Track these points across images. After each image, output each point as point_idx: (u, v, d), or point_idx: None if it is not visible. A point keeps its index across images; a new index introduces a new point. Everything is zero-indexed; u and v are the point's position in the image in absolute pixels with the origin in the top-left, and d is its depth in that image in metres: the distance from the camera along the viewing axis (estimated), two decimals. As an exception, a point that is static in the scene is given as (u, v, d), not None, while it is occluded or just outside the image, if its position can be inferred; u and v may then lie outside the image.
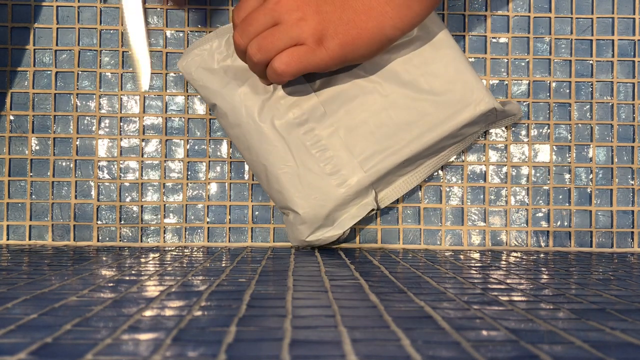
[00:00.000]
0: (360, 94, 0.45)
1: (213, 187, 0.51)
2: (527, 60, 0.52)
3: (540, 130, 0.52)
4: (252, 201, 0.51)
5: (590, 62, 0.52)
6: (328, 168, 0.44)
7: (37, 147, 0.51)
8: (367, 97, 0.45)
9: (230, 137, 0.47)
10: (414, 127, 0.44)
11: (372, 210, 0.46)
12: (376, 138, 0.45)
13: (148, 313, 0.24)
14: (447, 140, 0.46)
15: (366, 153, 0.44)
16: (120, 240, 0.51)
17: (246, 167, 0.51)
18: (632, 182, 0.52)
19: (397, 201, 0.51)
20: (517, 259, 0.44)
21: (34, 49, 0.51)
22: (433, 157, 0.48)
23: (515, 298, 0.28)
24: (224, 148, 0.51)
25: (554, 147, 0.52)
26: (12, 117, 0.51)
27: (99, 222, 0.51)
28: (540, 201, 0.52)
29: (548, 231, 0.52)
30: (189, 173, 0.51)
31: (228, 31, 0.46)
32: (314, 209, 0.44)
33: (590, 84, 0.52)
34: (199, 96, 0.51)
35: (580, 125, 0.52)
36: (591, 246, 0.52)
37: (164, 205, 0.51)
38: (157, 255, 0.43)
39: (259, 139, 0.44)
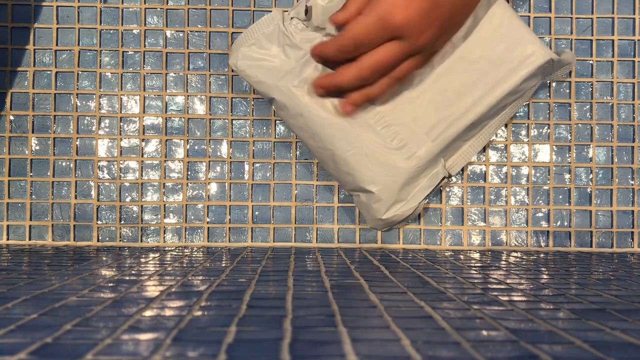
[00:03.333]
0: None
1: (213, 187, 0.51)
2: (527, 60, 0.52)
3: (540, 130, 0.52)
4: (252, 201, 0.51)
5: (590, 62, 0.52)
6: (395, 143, 0.44)
7: (37, 147, 0.51)
8: (424, 67, 0.45)
9: (292, 128, 0.46)
10: (475, 89, 0.44)
11: (444, 178, 0.46)
12: (438, 106, 0.44)
13: (148, 313, 0.24)
14: (509, 97, 0.45)
15: (431, 122, 0.44)
16: (120, 240, 0.51)
17: (246, 167, 0.51)
18: (632, 182, 0.52)
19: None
20: (517, 259, 0.44)
21: (34, 49, 0.51)
22: (496, 117, 0.47)
23: (515, 298, 0.28)
24: (224, 148, 0.51)
25: (554, 147, 0.52)
26: (12, 117, 0.51)
27: (99, 222, 0.51)
28: (540, 201, 0.52)
29: (548, 231, 0.52)
30: (189, 173, 0.51)
31: (269, 23, 0.45)
32: (386, 186, 0.44)
33: (590, 84, 0.52)
34: (198, 96, 0.51)
35: (580, 125, 0.52)
36: (591, 246, 0.52)
37: (164, 205, 0.51)
38: (157, 255, 0.43)
39: (323, 125, 0.44)
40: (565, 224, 0.52)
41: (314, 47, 0.41)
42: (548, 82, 0.51)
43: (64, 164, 0.51)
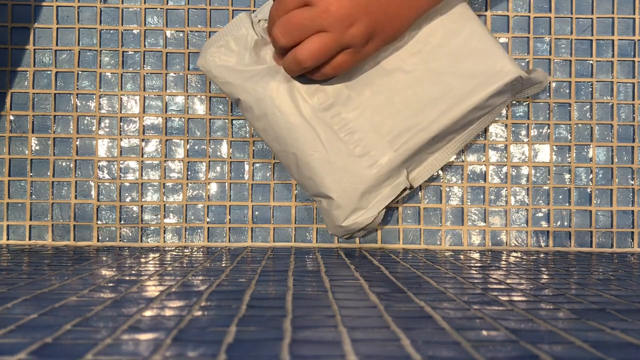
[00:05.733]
0: (384, 73, 0.45)
1: (213, 187, 0.51)
2: (527, 60, 0.52)
3: (540, 130, 0.52)
4: (252, 201, 0.51)
5: (590, 62, 0.52)
6: (358, 150, 0.44)
7: (37, 147, 0.51)
8: (391, 76, 0.45)
9: (257, 131, 0.46)
10: (441, 101, 0.44)
11: (405, 189, 0.46)
12: (404, 116, 0.44)
13: (148, 313, 0.24)
14: (475, 112, 0.45)
15: (395, 132, 0.44)
16: (120, 240, 0.51)
17: (246, 167, 0.51)
18: (632, 182, 0.52)
19: (397, 201, 0.51)
20: (517, 259, 0.44)
21: (34, 49, 0.51)
22: (462, 132, 0.47)
23: (515, 298, 0.28)
24: (224, 148, 0.51)
25: (554, 147, 0.52)
26: (12, 117, 0.51)
27: (99, 222, 0.51)
28: (540, 201, 0.52)
29: (548, 231, 0.52)
30: (189, 173, 0.51)
31: (239, 25, 0.45)
32: (347, 192, 0.44)
33: (590, 84, 0.52)
34: (198, 96, 0.51)
35: (580, 125, 0.52)
36: (591, 246, 0.52)
37: (164, 205, 0.51)
38: (157, 255, 0.43)
39: (287, 128, 0.44)
40: (565, 224, 0.52)
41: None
42: (516, 101, 0.51)
43: (64, 164, 0.51)
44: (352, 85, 0.45)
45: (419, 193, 0.51)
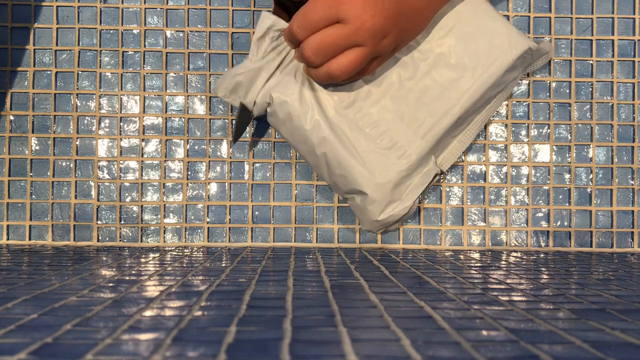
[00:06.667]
0: (400, 64, 0.45)
1: (213, 187, 0.51)
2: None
3: (540, 130, 0.52)
4: (252, 201, 0.51)
5: (590, 62, 0.52)
6: (385, 143, 0.44)
7: (37, 147, 0.51)
8: (408, 66, 0.45)
9: (282, 135, 0.46)
10: (459, 83, 0.45)
11: (436, 175, 0.46)
12: (425, 103, 0.45)
13: (148, 313, 0.24)
14: (492, 90, 0.46)
15: (419, 120, 0.45)
16: (120, 240, 0.51)
17: (246, 167, 0.51)
18: (632, 182, 0.52)
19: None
20: (517, 259, 0.44)
21: (34, 49, 0.51)
22: (481, 111, 0.48)
23: (515, 298, 0.28)
24: (224, 148, 0.51)
25: (554, 147, 0.52)
26: (12, 117, 0.51)
27: (99, 222, 0.51)
28: (540, 201, 0.52)
29: (548, 231, 0.52)
30: (189, 173, 0.51)
31: (260, 29, 0.44)
32: (380, 186, 0.44)
33: (590, 84, 0.52)
34: (198, 96, 0.51)
35: (580, 125, 0.52)
36: (591, 246, 0.52)
37: (164, 205, 0.51)
38: (157, 255, 0.43)
39: (313, 128, 0.44)
40: (565, 224, 0.52)
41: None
42: (527, 74, 0.51)
43: (64, 164, 0.51)
44: (369, 80, 0.45)
45: (419, 193, 0.51)
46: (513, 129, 0.52)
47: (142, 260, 0.40)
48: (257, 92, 0.44)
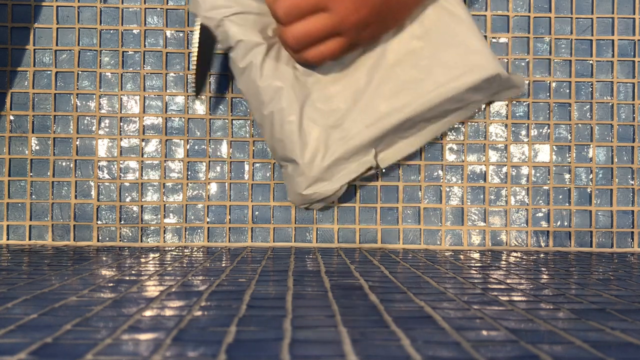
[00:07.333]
0: (369, 50, 0.45)
1: (213, 187, 0.51)
2: (527, 60, 0.52)
3: (540, 130, 0.52)
4: (252, 201, 0.51)
5: (590, 62, 0.52)
6: (331, 121, 0.44)
7: (37, 147, 0.51)
8: (376, 54, 0.45)
9: (237, 84, 0.46)
10: (418, 86, 0.45)
11: (371, 168, 0.46)
12: (380, 95, 0.45)
13: (148, 313, 0.24)
14: (450, 103, 0.46)
15: (370, 109, 0.45)
16: (120, 240, 0.51)
17: (246, 167, 0.51)
18: (632, 182, 0.52)
19: (397, 201, 0.51)
20: (517, 259, 0.44)
21: (34, 49, 0.51)
22: (435, 122, 0.48)
23: (515, 298, 0.28)
24: (224, 148, 0.51)
25: (554, 147, 0.52)
26: (12, 117, 0.51)
27: (99, 222, 0.51)
28: (540, 201, 0.52)
29: (548, 231, 0.52)
30: (189, 173, 0.51)
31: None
32: (313, 161, 0.44)
33: (590, 84, 0.52)
34: (198, 96, 0.51)
35: (580, 125, 0.52)
36: (591, 246, 0.52)
37: (164, 205, 0.51)
38: (157, 255, 0.43)
39: (269, 83, 0.44)
40: (565, 224, 0.52)
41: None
42: (491, 102, 0.51)
43: (64, 164, 0.51)
44: (339, 62, 0.45)
45: (419, 193, 0.51)
46: (513, 129, 0.52)
47: (142, 260, 0.40)
48: (224, 14, 0.43)
